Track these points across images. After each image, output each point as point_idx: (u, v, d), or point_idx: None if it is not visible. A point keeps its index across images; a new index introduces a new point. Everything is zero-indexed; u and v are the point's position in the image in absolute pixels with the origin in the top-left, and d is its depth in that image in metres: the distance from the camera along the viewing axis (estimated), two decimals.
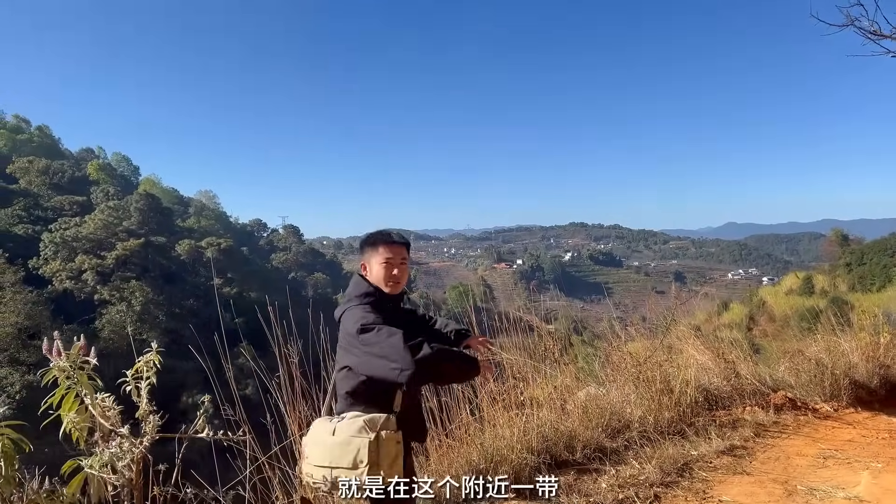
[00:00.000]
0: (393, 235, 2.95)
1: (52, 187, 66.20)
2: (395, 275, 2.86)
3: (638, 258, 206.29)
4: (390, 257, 2.87)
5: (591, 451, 4.82)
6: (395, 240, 2.92)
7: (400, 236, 2.96)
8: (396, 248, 2.89)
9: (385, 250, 2.89)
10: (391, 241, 2.91)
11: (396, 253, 2.89)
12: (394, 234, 2.95)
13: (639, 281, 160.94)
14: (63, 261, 48.78)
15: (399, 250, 2.90)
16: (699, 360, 6.79)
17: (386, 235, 2.95)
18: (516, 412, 4.71)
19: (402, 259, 2.91)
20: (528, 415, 4.70)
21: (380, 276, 2.87)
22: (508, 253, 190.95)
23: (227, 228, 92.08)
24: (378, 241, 2.93)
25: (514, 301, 10.02)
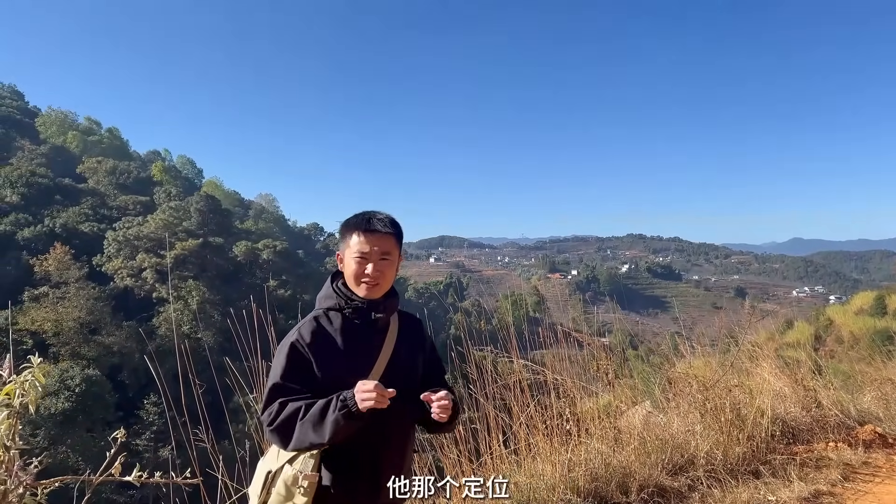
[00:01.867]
0: (373, 221, 2.24)
1: (119, 187, 68.57)
2: (370, 273, 2.20)
3: (698, 272, 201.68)
4: (365, 251, 2.20)
5: (648, 492, 4.06)
6: (373, 227, 2.23)
7: (383, 222, 2.25)
8: (375, 239, 2.21)
9: (359, 240, 2.22)
10: (368, 229, 2.22)
11: (374, 244, 2.20)
12: (375, 219, 2.24)
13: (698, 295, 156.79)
14: (125, 259, 50.19)
15: (379, 241, 2.21)
16: (774, 386, 5.97)
17: (362, 220, 2.24)
18: (560, 442, 4.04)
19: (384, 253, 2.22)
20: (574, 446, 4.02)
21: (350, 273, 2.23)
22: (563, 263, 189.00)
23: (284, 231, 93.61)
24: (351, 227, 2.26)
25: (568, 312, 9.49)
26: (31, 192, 56.07)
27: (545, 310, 29.82)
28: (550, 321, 5.57)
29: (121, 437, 1.61)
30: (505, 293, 49.31)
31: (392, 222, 2.27)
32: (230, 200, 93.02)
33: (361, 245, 2.20)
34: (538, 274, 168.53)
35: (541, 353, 5.27)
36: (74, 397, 33.58)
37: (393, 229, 2.25)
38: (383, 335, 2.28)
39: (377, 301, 2.24)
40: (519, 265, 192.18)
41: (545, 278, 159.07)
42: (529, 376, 4.42)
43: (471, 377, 4.18)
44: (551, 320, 5.78)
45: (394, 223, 2.27)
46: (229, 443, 3.50)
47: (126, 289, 48.66)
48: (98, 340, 41.23)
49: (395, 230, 2.26)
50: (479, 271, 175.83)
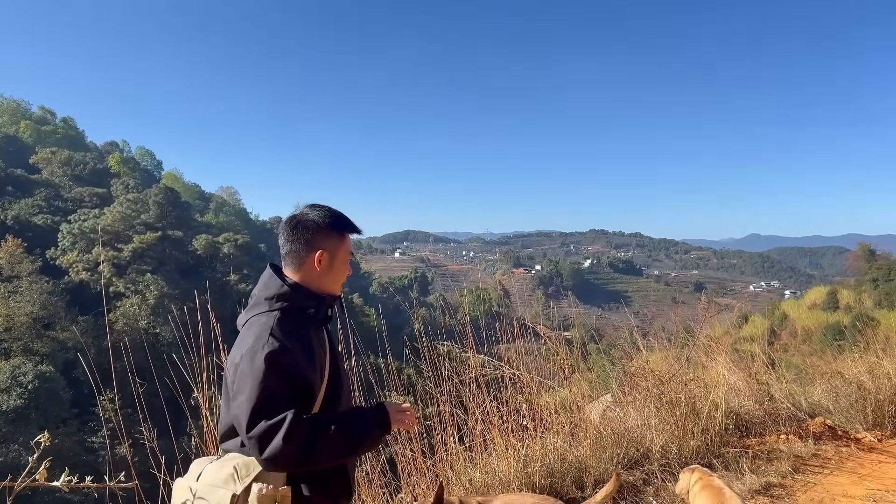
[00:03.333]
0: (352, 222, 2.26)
1: (74, 179, 66.82)
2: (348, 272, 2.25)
3: (658, 267, 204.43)
4: (351, 252, 2.25)
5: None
6: (352, 226, 2.24)
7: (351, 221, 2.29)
8: (350, 239, 2.25)
9: (350, 241, 2.23)
10: (350, 229, 2.23)
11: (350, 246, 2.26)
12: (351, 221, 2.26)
13: (659, 290, 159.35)
14: (80, 252, 48.93)
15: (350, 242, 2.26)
16: (729, 380, 6.06)
17: (351, 222, 2.24)
18: (517, 437, 4.03)
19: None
20: (530, 441, 4.02)
21: (340, 272, 2.21)
22: (527, 258, 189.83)
23: (246, 225, 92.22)
24: (347, 228, 2.23)
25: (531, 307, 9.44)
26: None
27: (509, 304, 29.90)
28: (513, 316, 5.56)
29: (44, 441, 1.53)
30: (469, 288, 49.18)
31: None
32: (190, 193, 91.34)
33: (350, 246, 2.24)
34: (502, 269, 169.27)
35: (504, 347, 5.27)
36: (27, 394, 32.73)
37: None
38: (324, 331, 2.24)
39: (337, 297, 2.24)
40: (483, 260, 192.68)
41: (509, 273, 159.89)
42: (487, 371, 4.40)
43: (426, 374, 4.16)
44: (515, 315, 5.78)
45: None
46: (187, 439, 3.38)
47: (82, 283, 47.41)
48: (52, 336, 40.18)
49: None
50: (444, 266, 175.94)
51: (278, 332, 1.98)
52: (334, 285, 2.20)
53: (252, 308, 2.12)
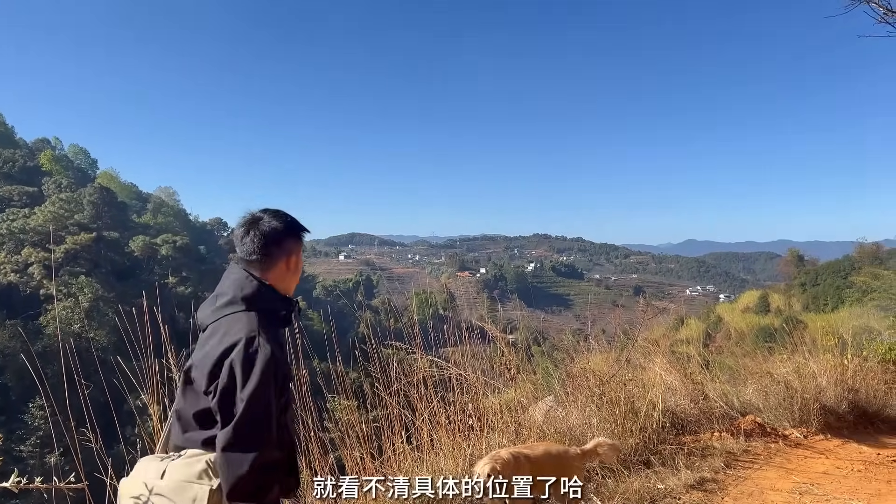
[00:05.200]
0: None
1: (2, 177, 63.93)
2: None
3: (599, 271, 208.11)
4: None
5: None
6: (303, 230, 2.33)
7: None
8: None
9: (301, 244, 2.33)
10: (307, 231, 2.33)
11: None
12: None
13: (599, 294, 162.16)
14: (9, 253, 47.04)
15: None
16: (666, 380, 6.29)
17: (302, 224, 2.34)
18: (463, 437, 4.11)
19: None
20: (476, 440, 4.10)
21: (297, 277, 2.31)
22: (472, 262, 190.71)
23: (185, 226, 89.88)
24: (304, 229, 2.32)
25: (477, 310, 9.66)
26: None
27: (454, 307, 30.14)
28: (459, 319, 5.63)
29: None
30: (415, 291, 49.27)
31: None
32: (127, 193, 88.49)
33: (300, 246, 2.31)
34: (448, 272, 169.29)
35: (450, 349, 5.34)
36: None
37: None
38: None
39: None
40: (429, 263, 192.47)
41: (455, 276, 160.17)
42: (434, 373, 4.46)
43: (374, 375, 4.20)
44: (460, 318, 5.85)
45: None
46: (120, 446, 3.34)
47: (10, 285, 45.54)
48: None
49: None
50: (390, 269, 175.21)
51: (265, 334, 2.00)
52: (292, 288, 2.27)
53: (226, 306, 2.10)
